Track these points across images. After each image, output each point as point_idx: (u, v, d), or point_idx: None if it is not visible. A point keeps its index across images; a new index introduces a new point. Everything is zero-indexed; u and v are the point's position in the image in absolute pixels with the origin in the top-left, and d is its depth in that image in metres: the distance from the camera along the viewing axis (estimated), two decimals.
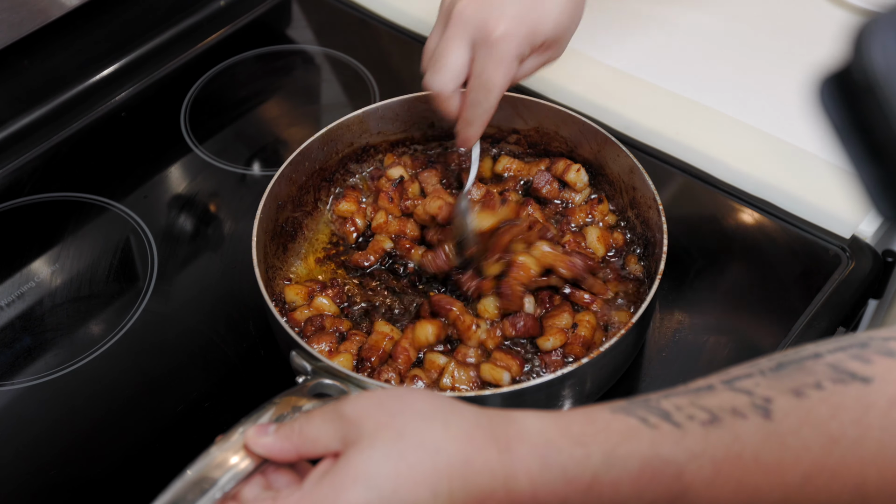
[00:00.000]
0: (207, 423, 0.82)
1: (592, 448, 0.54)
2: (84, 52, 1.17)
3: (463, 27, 0.82)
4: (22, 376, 0.88)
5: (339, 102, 1.17)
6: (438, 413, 0.57)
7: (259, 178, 1.06)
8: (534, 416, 0.57)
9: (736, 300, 0.91)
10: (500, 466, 0.54)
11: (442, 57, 0.83)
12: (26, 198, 1.05)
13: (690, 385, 0.56)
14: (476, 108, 0.84)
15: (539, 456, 0.54)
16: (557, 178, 0.95)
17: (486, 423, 0.56)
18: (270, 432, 0.61)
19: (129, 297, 0.94)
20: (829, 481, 0.50)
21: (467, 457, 0.54)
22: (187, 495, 0.59)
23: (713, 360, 0.85)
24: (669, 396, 0.56)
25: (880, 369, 0.51)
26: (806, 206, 0.96)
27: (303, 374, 0.75)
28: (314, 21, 1.28)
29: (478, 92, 0.83)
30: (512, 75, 0.83)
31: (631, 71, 1.11)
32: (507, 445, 0.55)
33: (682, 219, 0.94)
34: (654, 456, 0.53)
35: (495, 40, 0.80)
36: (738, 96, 1.08)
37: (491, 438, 0.55)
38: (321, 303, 0.87)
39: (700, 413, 0.53)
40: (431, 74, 0.84)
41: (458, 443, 0.55)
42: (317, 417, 0.59)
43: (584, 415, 0.56)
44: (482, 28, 0.81)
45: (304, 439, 0.59)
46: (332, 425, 0.58)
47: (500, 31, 0.80)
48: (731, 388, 0.54)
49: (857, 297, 0.91)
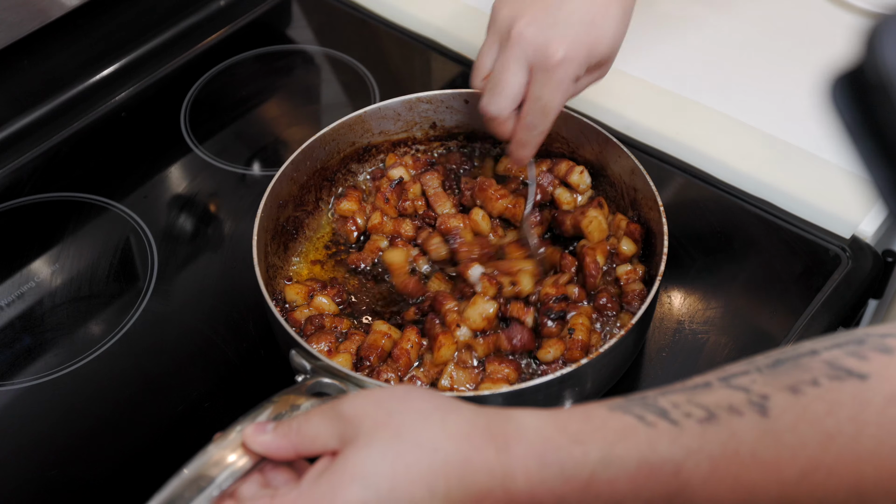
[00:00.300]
0: (207, 423, 0.82)
1: (590, 446, 0.54)
2: (84, 52, 1.17)
3: (522, 50, 0.81)
4: (22, 376, 0.88)
5: (339, 102, 1.17)
6: (436, 412, 0.57)
7: (259, 178, 1.06)
8: (531, 414, 0.57)
9: (736, 300, 0.91)
10: (497, 465, 0.54)
11: (501, 80, 0.82)
12: (26, 198, 1.05)
13: (688, 382, 0.56)
14: (532, 130, 0.84)
15: (536, 454, 0.54)
16: (560, 179, 0.95)
17: (484, 421, 0.56)
18: (268, 430, 0.61)
19: (129, 297, 0.94)
20: (826, 478, 0.50)
21: (464, 456, 0.54)
22: (184, 493, 0.59)
23: (713, 361, 0.85)
24: (667, 394, 0.56)
25: (877, 366, 0.51)
26: (806, 206, 0.96)
27: (302, 373, 0.75)
28: (314, 21, 1.28)
29: (535, 116, 0.83)
30: (568, 97, 0.83)
31: (631, 71, 1.11)
32: (504, 444, 0.55)
33: (682, 219, 0.94)
34: (651, 453, 0.53)
35: (555, 65, 0.80)
36: (738, 97, 1.08)
37: (488, 437, 0.55)
38: (321, 302, 0.87)
39: (697, 410, 0.53)
40: (489, 98, 0.83)
41: (455, 441, 0.55)
42: (315, 416, 0.59)
43: (581, 413, 0.56)
44: (542, 52, 0.80)
45: (302, 437, 0.59)
46: (330, 424, 0.58)
47: (560, 56, 0.80)
48: (727, 386, 0.54)
49: (857, 297, 0.91)
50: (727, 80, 1.10)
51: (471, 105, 0.98)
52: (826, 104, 0.43)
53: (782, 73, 1.10)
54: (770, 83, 1.09)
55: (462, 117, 0.99)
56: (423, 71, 1.20)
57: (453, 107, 0.98)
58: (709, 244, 0.95)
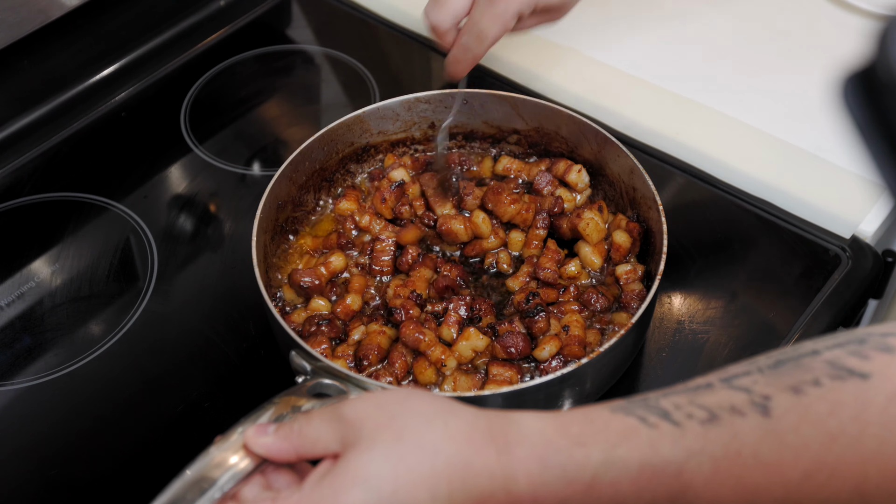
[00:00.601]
0: (207, 423, 0.82)
1: (592, 448, 0.54)
2: (84, 52, 1.17)
3: None
4: (22, 376, 0.88)
5: (339, 102, 1.17)
6: (438, 415, 0.57)
7: (259, 178, 1.06)
8: (533, 416, 0.57)
9: (736, 300, 0.91)
10: (499, 467, 0.54)
11: None
12: (26, 198, 1.05)
13: (689, 383, 0.56)
14: (466, 52, 0.90)
15: (538, 457, 0.54)
16: (558, 178, 0.95)
17: (485, 424, 0.56)
18: (270, 432, 0.61)
19: (129, 297, 0.94)
20: (829, 478, 0.50)
21: (466, 458, 0.54)
22: (186, 495, 0.59)
23: (713, 360, 0.85)
24: (668, 395, 0.55)
25: (878, 365, 0.51)
26: (806, 206, 0.96)
27: (302, 373, 0.75)
28: (314, 21, 1.28)
29: (470, 38, 0.89)
30: (506, 30, 0.88)
31: (631, 71, 1.11)
32: (505, 446, 0.55)
33: (682, 219, 0.94)
34: (653, 455, 0.53)
35: None
36: (738, 96, 1.08)
37: (490, 439, 0.55)
38: (318, 304, 0.87)
39: (699, 411, 0.53)
40: (432, 7, 0.90)
41: (456, 444, 0.55)
42: (316, 418, 0.59)
43: (583, 414, 0.56)
44: None
45: (304, 440, 0.59)
46: (331, 426, 0.58)
47: None
48: (729, 386, 0.54)
49: (857, 297, 0.91)
50: (727, 79, 1.10)
51: (469, 105, 0.98)
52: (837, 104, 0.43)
53: (782, 72, 1.10)
54: (770, 83, 1.09)
55: (461, 117, 0.99)
56: (423, 71, 1.20)
57: (452, 107, 0.98)
58: (709, 244, 0.95)
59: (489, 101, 0.97)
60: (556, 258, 0.88)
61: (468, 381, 0.80)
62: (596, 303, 0.85)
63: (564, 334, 0.82)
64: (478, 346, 0.82)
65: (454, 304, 0.85)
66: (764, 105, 1.06)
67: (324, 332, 0.84)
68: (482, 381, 0.81)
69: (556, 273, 0.87)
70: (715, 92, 1.08)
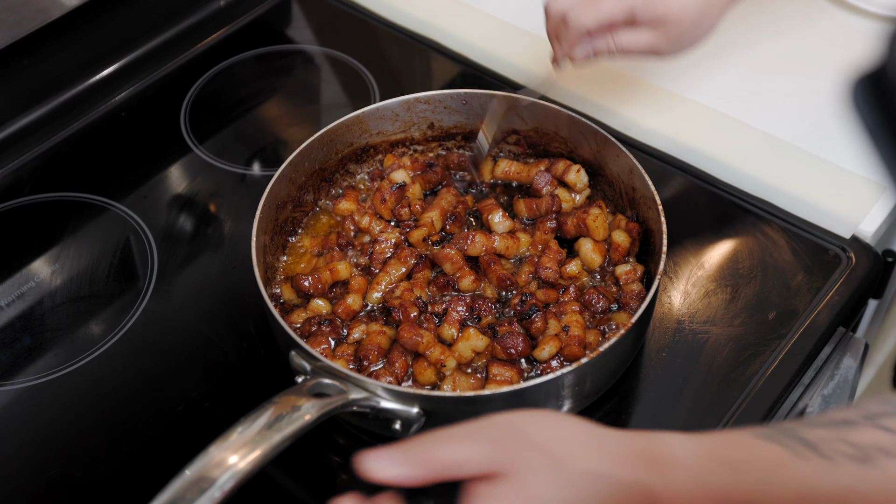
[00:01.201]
0: (207, 423, 0.82)
1: (746, 475, 0.54)
2: (84, 52, 1.17)
3: None
4: (22, 376, 0.88)
5: (339, 102, 1.17)
6: (591, 439, 0.56)
7: (259, 178, 1.06)
8: (680, 438, 0.57)
9: (736, 300, 0.91)
10: (663, 489, 0.54)
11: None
12: (26, 198, 1.05)
13: (824, 417, 0.56)
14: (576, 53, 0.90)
15: (697, 480, 0.54)
16: (557, 178, 0.95)
17: (640, 446, 0.56)
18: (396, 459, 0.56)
19: (129, 297, 0.94)
20: None
21: (632, 480, 0.54)
22: (186, 494, 0.59)
23: (713, 360, 0.85)
24: (809, 427, 0.56)
25: None
26: (806, 206, 0.97)
27: (302, 373, 0.75)
28: (314, 21, 1.28)
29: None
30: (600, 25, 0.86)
31: (631, 71, 1.11)
32: (667, 469, 0.55)
33: (681, 218, 0.94)
34: (804, 485, 0.53)
35: None
36: (737, 97, 1.08)
37: (648, 462, 0.55)
38: (318, 304, 0.87)
39: (848, 448, 0.53)
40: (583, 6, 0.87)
41: (618, 467, 0.55)
42: (455, 442, 0.56)
43: (727, 440, 0.56)
44: None
45: (445, 465, 0.56)
46: (479, 448, 0.55)
47: None
48: (874, 426, 0.54)
49: (857, 297, 0.91)
50: (727, 80, 1.10)
51: (468, 105, 0.98)
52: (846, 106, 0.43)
53: (782, 73, 1.10)
54: (770, 83, 1.09)
55: (460, 118, 0.99)
56: (422, 71, 1.20)
57: (451, 107, 0.98)
58: (708, 243, 0.96)
59: (489, 101, 0.97)
60: (557, 258, 0.88)
61: (467, 381, 0.80)
62: (597, 303, 0.85)
63: (564, 334, 0.82)
64: (477, 346, 0.82)
65: (454, 303, 0.85)
66: (764, 105, 1.06)
67: (324, 332, 0.84)
68: (482, 381, 0.81)
69: (557, 273, 0.88)
70: (715, 92, 1.08)
